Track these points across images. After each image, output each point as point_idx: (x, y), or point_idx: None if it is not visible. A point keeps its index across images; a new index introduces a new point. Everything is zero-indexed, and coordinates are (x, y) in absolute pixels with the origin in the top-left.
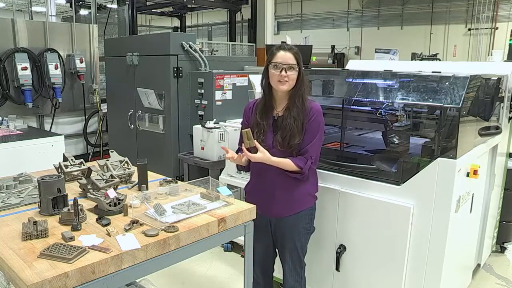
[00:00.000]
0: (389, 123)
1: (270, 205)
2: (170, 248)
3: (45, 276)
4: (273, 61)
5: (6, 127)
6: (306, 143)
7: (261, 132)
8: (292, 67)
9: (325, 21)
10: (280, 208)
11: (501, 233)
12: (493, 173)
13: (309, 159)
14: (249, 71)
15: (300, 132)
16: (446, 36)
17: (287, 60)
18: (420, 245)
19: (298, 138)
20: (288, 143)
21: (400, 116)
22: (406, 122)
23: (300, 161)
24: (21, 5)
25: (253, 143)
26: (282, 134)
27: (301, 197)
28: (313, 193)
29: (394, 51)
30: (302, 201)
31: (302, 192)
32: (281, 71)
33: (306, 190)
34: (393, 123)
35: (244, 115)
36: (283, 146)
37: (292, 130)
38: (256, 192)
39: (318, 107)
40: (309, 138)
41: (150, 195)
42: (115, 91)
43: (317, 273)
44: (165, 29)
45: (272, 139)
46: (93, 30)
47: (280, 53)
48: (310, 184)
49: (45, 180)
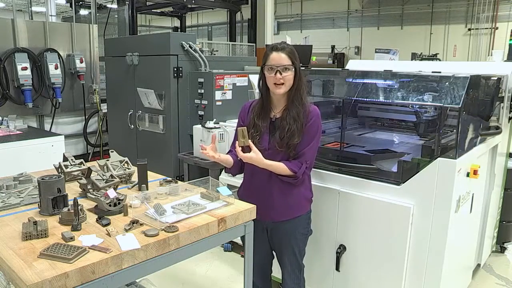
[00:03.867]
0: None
1: (266, 210)
2: (170, 248)
3: (45, 276)
4: (267, 63)
5: (6, 127)
6: (303, 147)
7: (257, 133)
8: (287, 68)
9: (325, 21)
10: (276, 213)
11: (501, 233)
12: (493, 173)
13: (304, 163)
14: (249, 71)
15: (300, 132)
16: (446, 36)
17: (281, 61)
18: (420, 245)
19: (297, 138)
20: (287, 143)
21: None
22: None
23: (294, 165)
24: (21, 5)
25: (247, 142)
26: (281, 134)
27: (297, 202)
28: (309, 197)
29: (394, 51)
30: (298, 206)
31: (298, 197)
32: (276, 74)
33: (302, 195)
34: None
35: (240, 116)
36: (281, 146)
37: (292, 131)
38: (250, 197)
39: (317, 110)
40: (306, 141)
41: (150, 195)
42: (115, 91)
43: (317, 273)
44: (165, 29)
45: (268, 141)
46: (93, 30)
47: (273, 55)
48: (305, 188)
49: (45, 180)
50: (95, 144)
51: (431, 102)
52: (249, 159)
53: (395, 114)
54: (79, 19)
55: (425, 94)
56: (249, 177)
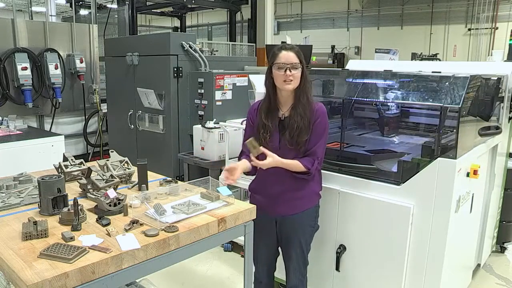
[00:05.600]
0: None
1: (276, 204)
2: (170, 248)
3: (45, 276)
4: (276, 62)
5: (6, 127)
6: (313, 144)
7: (267, 133)
8: (296, 66)
9: (325, 21)
10: (286, 207)
11: (501, 233)
12: (493, 173)
13: (316, 160)
14: (249, 71)
15: (307, 129)
16: (446, 36)
17: (290, 59)
18: (420, 245)
19: (306, 135)
20: (296, 141)
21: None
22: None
23: (307, 162)
24: (21, 5)
25: (260, 151)
26: (290, 133)
27: (307, 195)
28: (317, 191)
29: (394, 51)
30: (307, 199)
31: (308, 191)
32: (286, 71)
33: (312, 189)
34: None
35: (249, 116)
36: (291, 144)
37: (300, 128)
38: (262, 191)
39: (323, 108)
40: (315, 139)
41: (150, 195)
42: (115, 91)
43: (317, 273)
44: (165, 29)
45: (278, 139)
46: (93, 30)
47: (282, 53)
48: (315, 182)
49: (45, 180)
50: (95, 144)
51: (431, 102)
52: (268, 165)
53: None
54: (79, 19)
55: (425, 94)
56: (262, 173)
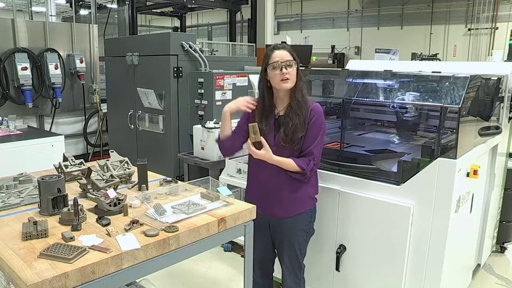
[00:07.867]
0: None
1: (270, 204)
2: (170, 248)
3: (45, 276)
4: (270, 62)
5: (6, 127)
6: (309, 144)
7: (262, 134)
8: (290, 64)
9: (325, 21)
10: (279, 208)
11: (501, 233)
12: (493, 173)
13: (312, 161)
14: (249, 71)
15: (302, 126)
16: (446, 36)
17: (284, 57)
18: (420, 245)
19: (301, 132)
20: (291, 139)
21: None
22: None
23: (302, 162)
24: (21, 5)
25: (259, 138)
26: (285, 130)
27: (301, 199)
28: (313, 195)
29: (394, 51)
30: (301, 203)
31: (302, 194)
32: (281, 69)
33: (306, 192)
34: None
35: (243, 117)
36: (286, 142)
37: (295, 125)
38: (256, 190)
39: (319, 107)
40: (311, 139)
41: (150, 195)
42: (115, 91)
43: (317, 273)
44: (165, 29)
45: (273, 138)
46: (93, 30)
47: (275, 53)
48: (311, 186)
49: (45, 180)
50: (95, 144)
51: (431, 102)
52: (260, 156)
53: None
54: (79, 19)
55: (425, 94)
56: (256, 172)
